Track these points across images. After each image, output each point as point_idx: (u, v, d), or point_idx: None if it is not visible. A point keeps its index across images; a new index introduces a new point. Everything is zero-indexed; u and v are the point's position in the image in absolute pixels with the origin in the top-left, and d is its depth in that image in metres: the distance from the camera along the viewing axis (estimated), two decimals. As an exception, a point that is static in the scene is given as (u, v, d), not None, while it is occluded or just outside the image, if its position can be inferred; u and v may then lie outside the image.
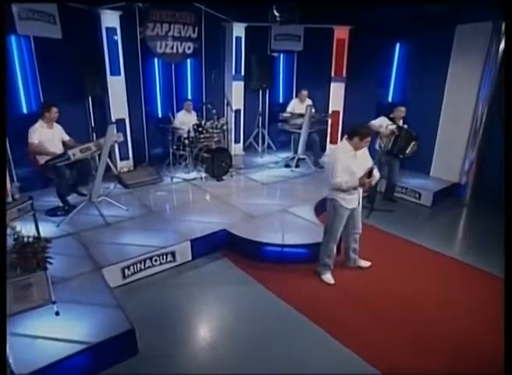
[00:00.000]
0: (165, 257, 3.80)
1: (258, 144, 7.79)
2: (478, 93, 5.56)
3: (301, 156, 6.73)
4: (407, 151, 5.20)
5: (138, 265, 3.65)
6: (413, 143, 5.19)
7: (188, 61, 6.87)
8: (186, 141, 6.07)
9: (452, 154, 5.86)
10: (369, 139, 3.18)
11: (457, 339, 2.89)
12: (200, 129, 6.08)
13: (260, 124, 7.76)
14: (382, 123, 5.07)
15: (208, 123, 6.12)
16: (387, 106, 6.01)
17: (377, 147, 5.23)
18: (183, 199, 5.31)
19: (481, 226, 4.95)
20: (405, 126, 5.19)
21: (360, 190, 3.34)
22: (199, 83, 7.10)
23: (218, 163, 6.00)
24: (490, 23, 5.18)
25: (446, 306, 3.32)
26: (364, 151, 3.31)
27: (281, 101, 8.08)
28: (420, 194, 5.62)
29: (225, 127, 6.32)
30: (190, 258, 4.01)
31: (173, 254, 3.87)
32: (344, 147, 3.23)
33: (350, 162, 3.17)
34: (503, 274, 2.66)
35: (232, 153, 7.10)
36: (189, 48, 6.58)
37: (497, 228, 3.47)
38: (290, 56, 7.78)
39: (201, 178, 5.97)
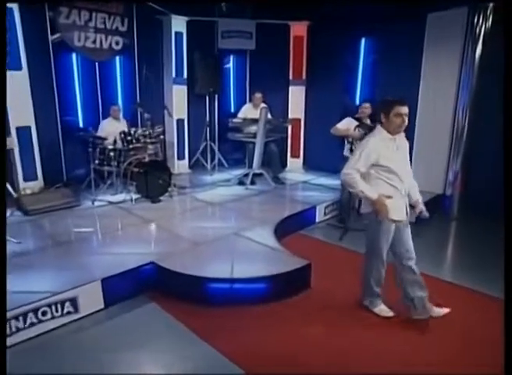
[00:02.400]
0: (59, 307, 2.82)
1: (207, 161, 7.14)
2: (458, 90, 5.35)
3: (257, 171, 6.10)
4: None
5: (16, 321, 2.64)
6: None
7: (117, 59, 6.17)
8: (112, 154, 5.21)
9: (433, 162, 5.63)
10: (402, 110, 2.56)
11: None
12: (130, 138, 5.26)
13: (208, 137, 7.13)
14: (348, 125, 4.70)
15: (140, 131, 5.32)
16: (355, 110, 5.63)
17: (346, 153, 4.81)
18: (104, 226, 4.41)
19: (473, 242, 4.63)
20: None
21: (406, 196, 2.79)
22: (131, 87, 6.38)
23: (153, 181, 5.22)
24: (465, 8, 4.99)
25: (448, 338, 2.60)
26: (405, 143, 2.77)
27: (233, 109, 7.57)
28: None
29: (162, 137, 5.55)
30: (100, 306, 3.08)
31: (74, 301, 2.91)
32: (379, 133, 2.64)
33: (388, 154, 2.60)
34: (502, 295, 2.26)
35: (176, 171, 6.64)
36: (117, 43, 5.92)
37: (492, 243, 3.31)
38: (242, 56, 7.38)
39: (131, 200, 5.10)
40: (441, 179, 5.64)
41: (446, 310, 2.92)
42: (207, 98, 7.02)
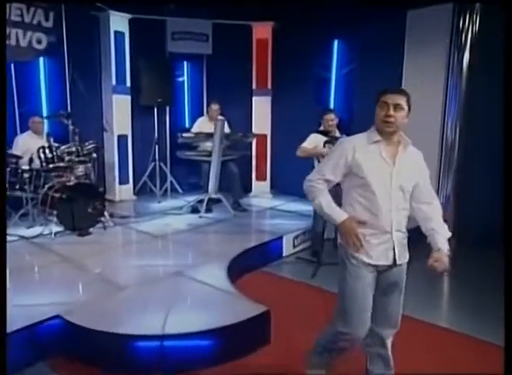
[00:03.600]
0: None
1: (156, 185, 6.71)
2: (445, 101, 5.30)
3: (214, 196, 5.70)
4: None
5: None
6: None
7: (40, 61, 5.76)
8: (26, 176, 4.69)
9: None
10: (389, 98, 2.00)
11: None
12: (51, 156, 4.75)
13: (157, 157, 6.74)
14: (316, 142, 4.44)
15: (64, 147, 4.84)
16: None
17: None
18: (9, 269, 3.80)
19: (471, 277, 4.40)
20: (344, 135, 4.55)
21: (397, 232, 2.10)
22: (59, 95, 5.92)
23: (80, 208, 4.74)
24: (450, 4, 4.96)
25: None
26: (416, 158, 2.15)
27: (187, 123, 7.29)
28: None
29: (95, 155, 5.13)
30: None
31: None
32: (367, 133, 2.11)
33: (367, 161, 2.02)
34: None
35: (117, 198, 6.34)
36: (39, 41, 5.58)
37: (492, 279, 3.18)
38: (197, 62, 7.20)
39: (52, 233, 4.54)
40: None
41: None
42: (155, 110, 6.72)
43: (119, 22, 6.13)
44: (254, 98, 6.81)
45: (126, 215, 5.56)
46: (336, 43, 6.22)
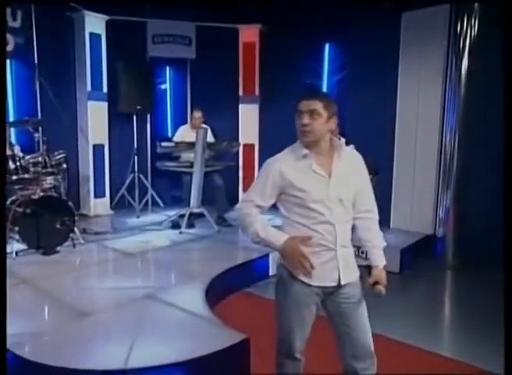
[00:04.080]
0: None
1: (135, 199, 6.54)
2: (443, 110, 5.25)
3: (196, 210, 5.52)
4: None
5: None
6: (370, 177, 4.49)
7: (7, 63, 5.59)
8: (-14, 188, 4.43)
9: (419, 197, 5.55)
10: (302, 105, 1.90)
11: None
12: (14, 167, 4.54)
13: (136, 168, 6.60)
14: None
15: (29, 157, 4.65)
16: None
17: None
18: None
19: (476, 298, 4.25)
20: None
21: (342, 249, 2.01)
22: (29, 101, 5.73)
23: (46, 224, 4.51)
24: (447, 6, 4.91)
25: None
26: (354, 162, 2.08)
27: (170, 132, 7.20)
28: None
29: (65, 166, 4.97)
30: None
31: None
32: (293, 147, 2.02)
33: (301, 177, 1.94)
34: None
35: (92, 213, 6.21)
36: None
37: (497, 299, 2.83)
38: (181, 67, 7.14)
39: (13, 253, 4.33)
40: (430, 217, 5.46)
41: None
42: (134, 118, 6.60)
43: (94, 23, 6.02)
44: (240, 106, 6.78)
45: (100, 231, 5.38)
46: (327, 47, 6.25)
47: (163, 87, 7.15)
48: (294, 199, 1.93)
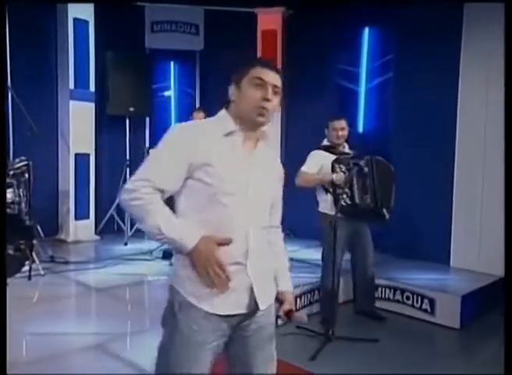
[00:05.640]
0: None
1: (125, 221, 6.38)
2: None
3: None
4: (391, 203, 4.27)
5: None
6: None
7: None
8: None
9: (487, 226, 5.25)
10: (263, 74, 1.81)
11: None
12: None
13: None
14: (320, 163, 4.19)
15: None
16: (358, 141, 5.54)
17: (324, 209, 4.32)
18: None
19: None
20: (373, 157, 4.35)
21: (256, 263, 1.86)
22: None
23: None
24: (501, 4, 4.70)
25: None
26: (273, 158, 2.05)
27: None
28: (433, 303, 4.66)
29: (27, 176, 4.88)
30: None
31: None
32: (217, 118, 1.92)
33: (219, 160, 1.80)
34: None
35: (71, 238, 6.11)
36: None
37: None
38: (188, 62, 7.04)
39: None
40: (501, 254, 4.87)
41: None
42: (127, 122, 6.55)
43: (79, 7, 5.99)
44: None
45: (74, 261, 5.28)
46: (366, 31, 6.05)
47: (165, 84, 7.11)
48: (206, 189, 1.73)
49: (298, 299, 4.43)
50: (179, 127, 1.85)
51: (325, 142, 4.31)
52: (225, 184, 1.73)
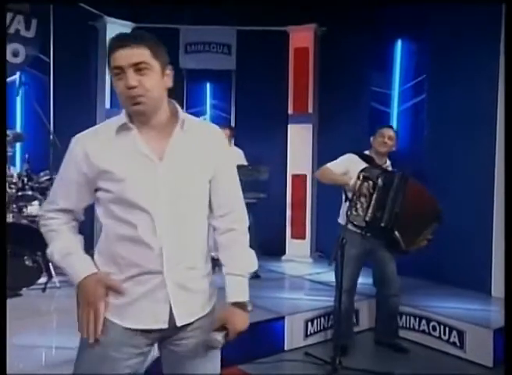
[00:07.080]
0: None
1: None
2: None
3: (214, 255, 4.84)
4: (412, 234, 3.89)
5: None
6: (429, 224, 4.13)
7: (16, 76, 5.55)
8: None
9: None
10: (136, 56, 1.56)
11: None
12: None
13: None
14: (347, 167, 3.94)
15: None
16: (393, 157, 5.40)
17: (341, 220, 3.96)
18: None
19: None
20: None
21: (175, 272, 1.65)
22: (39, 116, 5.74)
23: (12, 260, 4.28)
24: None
25: None
26: (205, 139, 1.74)
27: None
28: (462, 335, 4.20)
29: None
30: None
31: None
32: (104, 125, 1.74)
33: (116, 162, 1.59)
34: None
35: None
36: (15, 53, 5.56)
37: None
38: (222, 80, 6.98)
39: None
40: None
41: None
42: None
43: (118, 31, 5.83)
44: (289, 126, 6.47)
45: None
46: (399, 46, 5.77)
47: (201, 100, 7.04)
48: (108, 195, 1.55)
49: (309, 323, 4.09)
50: (74, 138, 1.64)
51: (369, 152, 4.06)
52: (126, 185, 1.52)
